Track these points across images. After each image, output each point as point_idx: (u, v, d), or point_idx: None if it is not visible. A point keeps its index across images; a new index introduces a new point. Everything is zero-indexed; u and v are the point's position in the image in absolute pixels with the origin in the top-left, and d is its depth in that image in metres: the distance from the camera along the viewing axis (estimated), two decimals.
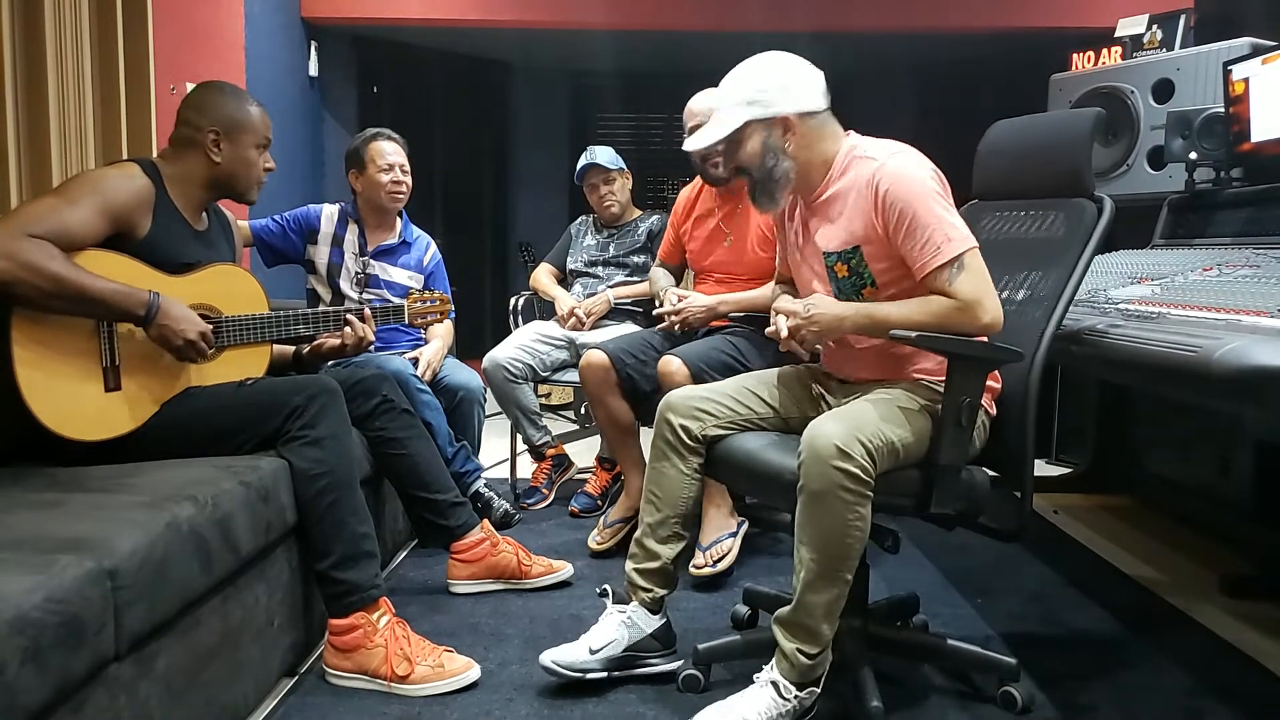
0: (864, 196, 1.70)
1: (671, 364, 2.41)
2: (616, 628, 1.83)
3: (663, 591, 1.85)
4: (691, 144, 1.90)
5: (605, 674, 1.81)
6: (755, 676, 1.62)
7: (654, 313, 2.73)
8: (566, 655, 1.80)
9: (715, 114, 1.80)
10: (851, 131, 1.82)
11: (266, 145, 2.04)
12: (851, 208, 1.73)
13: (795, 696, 1.57)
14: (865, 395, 1.71)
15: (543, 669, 1.79)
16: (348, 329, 2.14)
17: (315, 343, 2.20)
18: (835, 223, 1.77)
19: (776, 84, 1.73)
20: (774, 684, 1.58)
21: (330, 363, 2.48)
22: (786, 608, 1.60)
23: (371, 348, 2.28)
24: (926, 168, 1.69)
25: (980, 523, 1.71)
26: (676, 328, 2.64)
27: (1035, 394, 1.64)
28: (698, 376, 2.35)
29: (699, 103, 2.62)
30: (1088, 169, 1.77)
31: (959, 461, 1.62)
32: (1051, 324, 1.66)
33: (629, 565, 1.86)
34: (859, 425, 1.54)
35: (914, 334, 1.58)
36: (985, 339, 1.65)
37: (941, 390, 1.63)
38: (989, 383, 1.70)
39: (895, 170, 1.67)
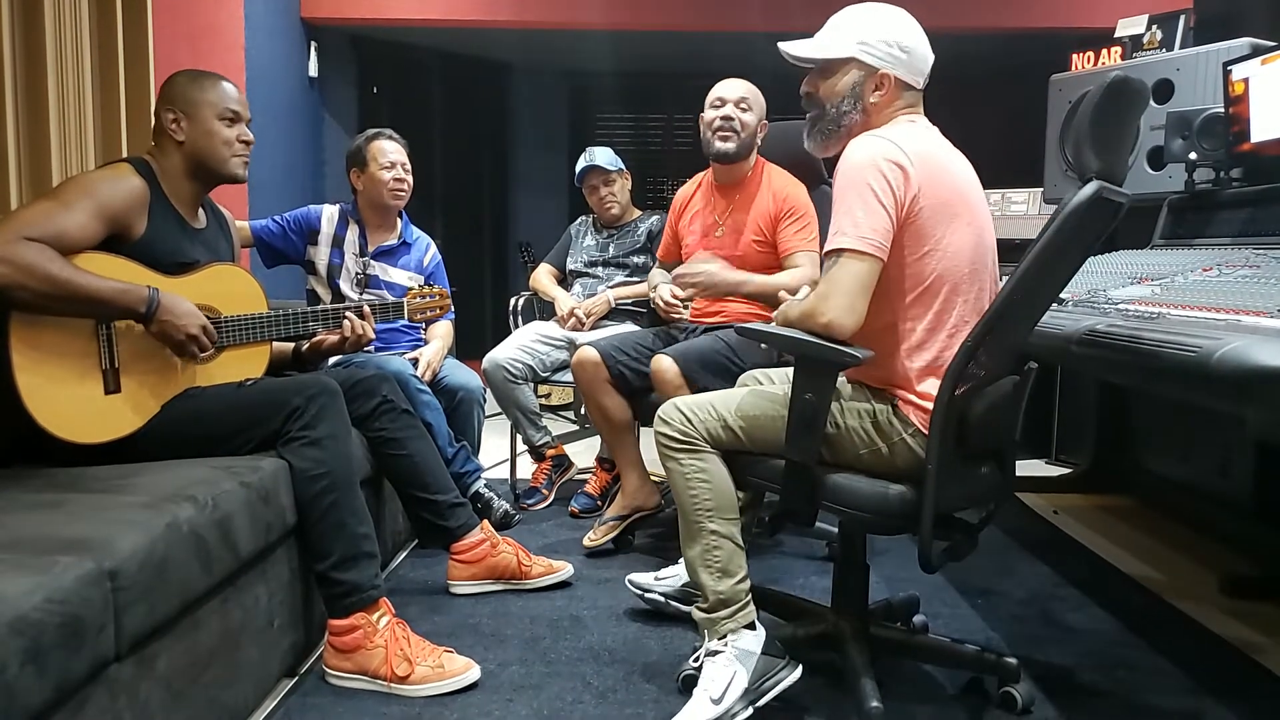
0: None
1: (663, 362, 2.42)
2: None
3: None
4: (788, 46, 1.75)
5: (664, 600, 2.15)
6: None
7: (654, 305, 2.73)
8: (639, 579, 2.19)
9: (824, 30, 1.73)
10: (921, 117, 1.74)
11: (235, 118, 1.98)
12: None
13: (721, 644, 1.65)
14: None
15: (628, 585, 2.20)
16: (346, 324, 2.14)
17: (315, 339, 2.20)
18: None
19: (899, 44, 1.68)
20: (709, 650, 1.67)
21: (331, 362, 2.48)
22: None
23: (371, 345, 2.28)
24: (877, 159, 1.54)
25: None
26: (682, 314, 2.67)
27: (943, 405, 1.51)
28: (689, 377, 2.38)
29: (729, 87, 2.63)
30: (1085, 152, 1.50)
31: (806, 459, 1.59)
32: (976, 330, 1.51)
33: None
34: (689, 399, 1.74)
35: (747, 326, 1.72)
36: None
37: (864, 393, 1.64)
38: (924, 404, 1.58)
39: (846, 154, 1.60)
